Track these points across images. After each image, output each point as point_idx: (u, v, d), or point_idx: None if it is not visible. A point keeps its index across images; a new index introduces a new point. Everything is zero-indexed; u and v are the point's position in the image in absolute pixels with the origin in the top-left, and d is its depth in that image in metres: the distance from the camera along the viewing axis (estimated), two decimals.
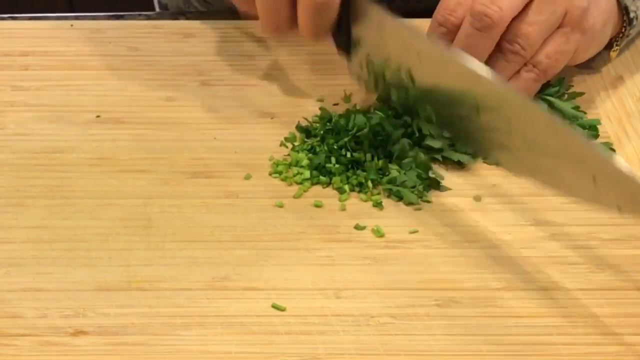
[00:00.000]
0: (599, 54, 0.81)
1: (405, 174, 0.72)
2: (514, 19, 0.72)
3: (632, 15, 0.79)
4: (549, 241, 0.68)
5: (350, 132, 0.73)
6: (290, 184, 0.73)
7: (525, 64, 0.74)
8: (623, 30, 0.80)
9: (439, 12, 0.74)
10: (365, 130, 0.73)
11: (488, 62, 0.73)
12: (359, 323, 0.63)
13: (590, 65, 0.82)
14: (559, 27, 0.74)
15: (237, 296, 0.64)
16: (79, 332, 0.62)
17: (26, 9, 0.94)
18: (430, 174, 0.72)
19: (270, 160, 0.75)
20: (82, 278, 0.65)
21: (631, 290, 0.65)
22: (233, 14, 0.91)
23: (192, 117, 0.79)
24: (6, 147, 0.76)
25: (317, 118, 0.77)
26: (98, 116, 0.79)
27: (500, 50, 0.73)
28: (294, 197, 0.72)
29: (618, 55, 0.83)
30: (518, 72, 0.74)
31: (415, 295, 0.65)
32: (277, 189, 0.72)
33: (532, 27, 0.72)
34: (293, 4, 0.74)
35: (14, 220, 0.70)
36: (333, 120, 0.75)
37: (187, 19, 0.92)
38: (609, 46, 0.81)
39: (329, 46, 0.84)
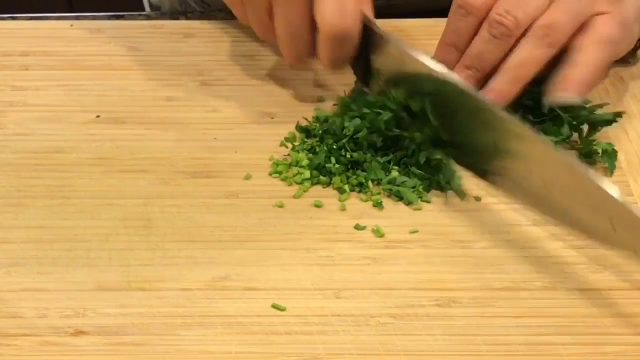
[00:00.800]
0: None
1: (407, 175, 0.72)
2: None
3: None
4: (548, 241, 0.68)
5: (347, 134, 0.73)
6: (290, 184, 0.73)
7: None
8: None
9: None
10: (364, 133, 0.73)
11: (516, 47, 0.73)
12: (359, 323, 0.63)
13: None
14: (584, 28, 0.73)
15: (237, 296, 0.64)
16: (79, 332, 0.62)
17: (26, 9, 0.94)
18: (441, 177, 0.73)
19: (270, 160, 0.75)
20: (82, 278, 0.65)
21: (631, 290, 0.65)
22: (232, 13, 0.91)
23: (192, 117, 0.79)
24: (6, 147, 0.76)
25: (315, 118, 0.77)
26: (98, 116, 0.79)
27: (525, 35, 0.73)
28: (294, 197, 0.72)
29: None
30: None
31: (415, 295, 0.65)
32: (277, 189, 0.72)
33: (558, 13, 0.72)
34: (313, 33, 0.75)
35: (14, 220, 0.70)
36: (329, 120, 0.75)
37: (187, 18, 0.92)
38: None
39: None
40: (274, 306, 0.64)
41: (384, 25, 0.75)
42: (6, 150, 0.75)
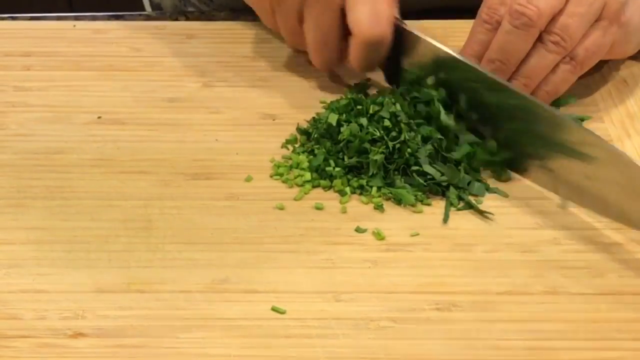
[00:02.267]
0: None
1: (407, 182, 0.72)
2: None
3: None
4: (550, 245, 0.68)
5: (342, 139, 0.73)
6: (291, 186, 0.72)
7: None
8: None
9: (483, 10, 0.75)
10: (356, 142, 0.72)
11: (529, 52, 0.74)
12: (359, 327, 0.62)
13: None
14: (597, 20, 0.74)
15: (237, 299, 0.64)
16: (77, 334, 0.62)
17: (26, 9, 0.93)
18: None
19: (271, 162, 0.74)
20: (82, 280, 0.65)
21: (632, 294, 0.65)
22: (233, 12, 0.91)
23: (194, 119, 0.79)
24: (7, 148, 0.76)
25: (313, 120, 0.77)
26: (99, 117, 0.79)
27: (540, 40, 0.73)
28: (295, 199, 0.71)
29: None
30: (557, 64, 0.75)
31: (416, 299, 0.64)
32: (278, 191, 0.72)
33: (572, 18, 0.73)
34: (343, 39, 0.75)
35: (14, 221, 0.69)
36: (323, 122, 0.74)
37: (187, 19, 0.92)
38: None
39: None
40: (274, 309, 0.63)
41: None
42: (7, 151, 0.75)
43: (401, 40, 0.76)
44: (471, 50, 0.75)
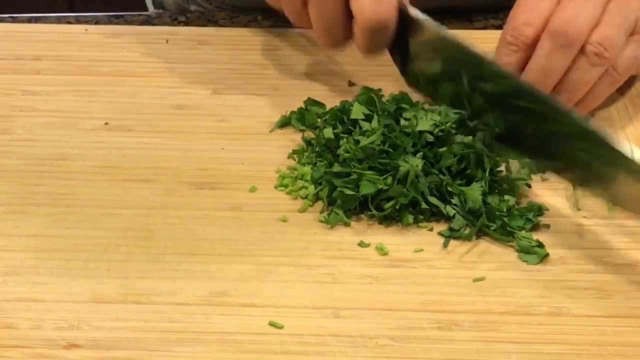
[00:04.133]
0: None
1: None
2: None
3: None
4: (556, 264, 0.66)
5: (341, 154, 0.71)
6: (296, 198, 0.71)
7: None
8: None
9: (507, 31, 0.74)
10: (352, 154, 0.71)
11: (570, 67, 0.73)
12: (357, 344, 0.61)
13: None
14: (631, 34, 0.74)
15: (234, 312, 0.63)
16: (72, 345, 0.61)
17: (26, 9, 0.93)
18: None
19: (277, 172, 0.73)
20: (79, 289, 0.64)
21: (638, 318, 0.63)
22: (234, 11, 0.91)
23: (201, 126, 0.78)
24: (12, 153, 0.75)
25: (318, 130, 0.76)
26: (106, 123, 0.78)
27: (583, 53, 0.72)
28: (299, 211, 0.70)
29: None
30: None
31: (416, 317, 0.63)
32: (281, 202, 0.71)
33: (612, 29, 0.72)
34: (349, 20, 0.74)
35: (15, 228, 0.69)
36: (323, 136, 0.73)
37: (188, 19, 0.91)
38: None
39: (342, 57, 0.83)
40: (272, 324, 0.62)
41: None
42: (12, 156, 0.75)
43: (406, 25, 0.74)
44: None
